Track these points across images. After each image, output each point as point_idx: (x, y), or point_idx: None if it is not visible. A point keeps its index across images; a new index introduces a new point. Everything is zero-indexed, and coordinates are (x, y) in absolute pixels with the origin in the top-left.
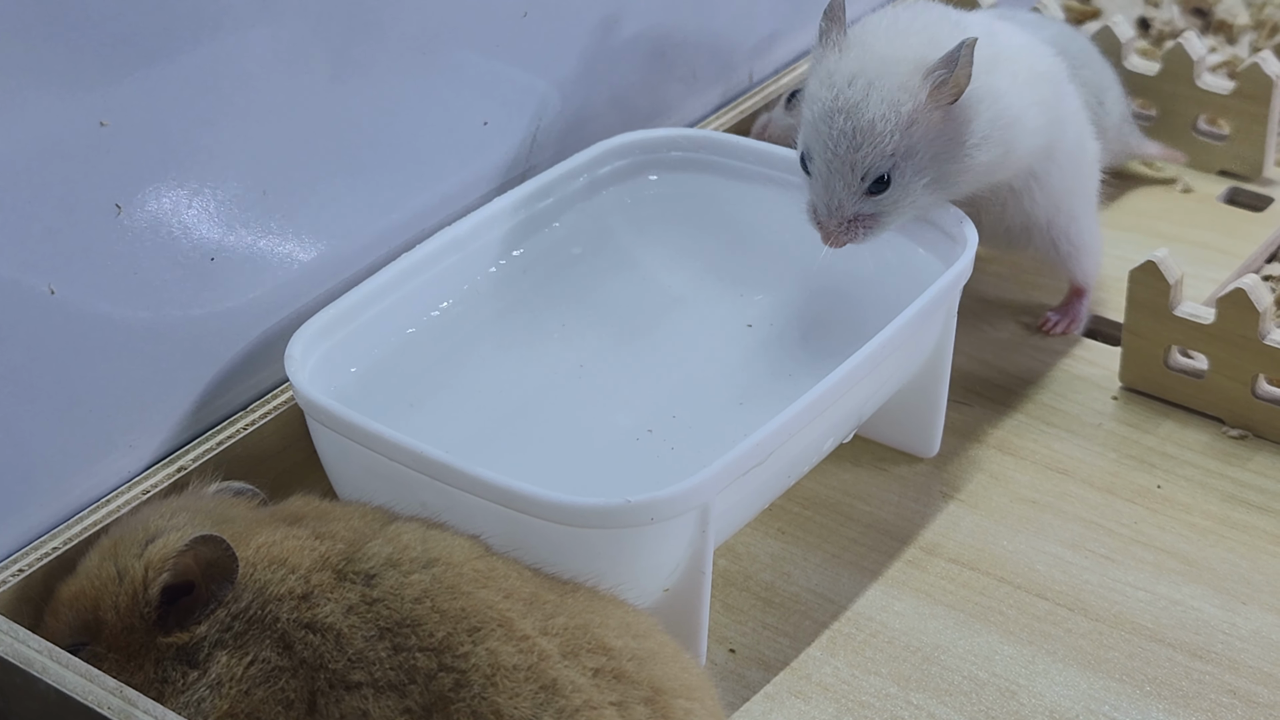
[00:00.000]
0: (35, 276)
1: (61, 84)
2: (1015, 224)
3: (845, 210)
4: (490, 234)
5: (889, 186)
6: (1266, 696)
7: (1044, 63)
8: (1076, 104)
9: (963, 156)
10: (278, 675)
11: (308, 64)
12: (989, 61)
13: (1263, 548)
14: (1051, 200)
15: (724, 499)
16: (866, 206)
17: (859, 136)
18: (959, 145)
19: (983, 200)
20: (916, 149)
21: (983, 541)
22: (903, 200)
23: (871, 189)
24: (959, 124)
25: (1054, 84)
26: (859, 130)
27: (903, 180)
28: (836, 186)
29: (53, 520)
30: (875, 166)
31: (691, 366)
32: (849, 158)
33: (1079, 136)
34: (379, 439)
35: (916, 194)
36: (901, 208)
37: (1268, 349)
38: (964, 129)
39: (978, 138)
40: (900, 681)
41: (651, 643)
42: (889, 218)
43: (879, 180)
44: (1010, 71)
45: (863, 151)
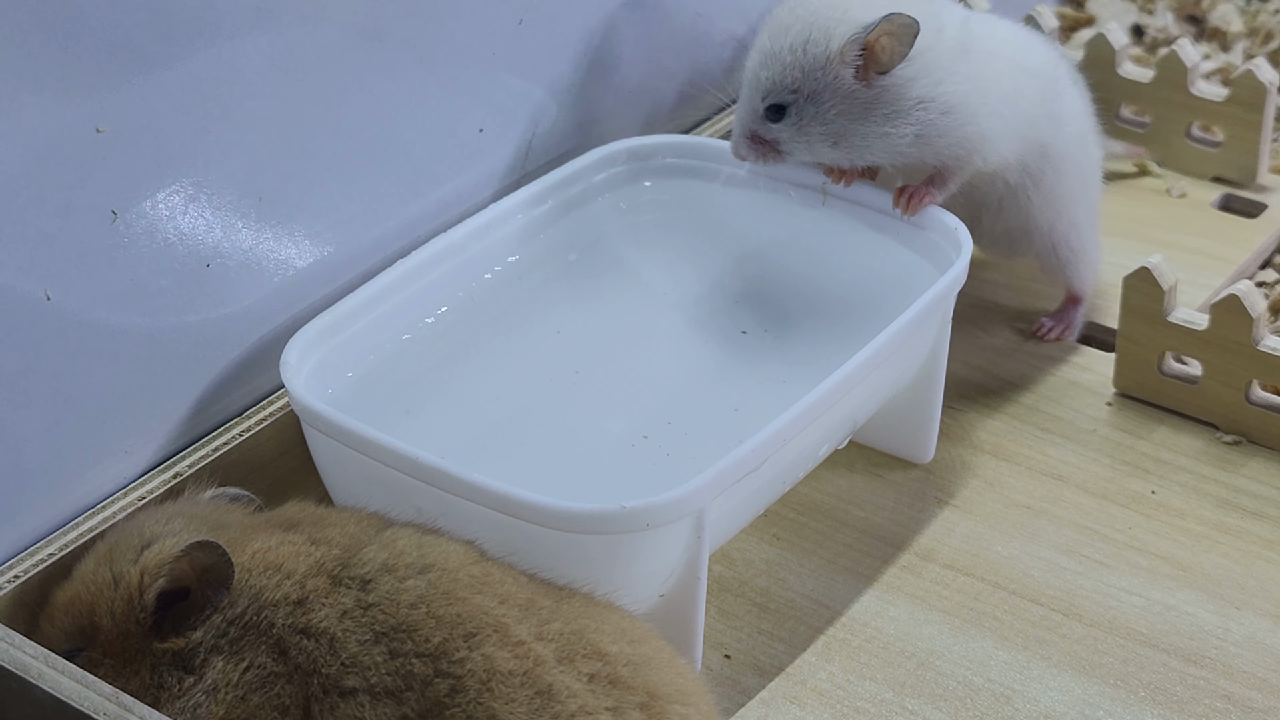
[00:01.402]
0: (31, 282)
1: (58, 90)
2: (1014, 225)
3: (745, 124)
4: (486, 240)
5: (784, 119)
6: (1260, 701)
7: (1034, 59)
8: (1077, 106)
9: (870, 123)
10: (273, 681)
11: (304, 71)
12: (954, 48)
13: (1256, 553)
14: (1051, 204)
15: (719, 505)
16: (763, 129)
17: (769, 59)
18: (871, 112)
19: (980, 200)
20: (821, 97)
21: (977, 547)
22: (797, 139)
23: (769, 114)
24: (881, 93)
25: (1044, 81)
26: (771, 54)
27: (799, 120)
28: (744, 99)
29: (48, 526)
30: (772, 93)
31: (687, 372)
32: (757, 75)
33: (1079, 139)
34: (374, 445)
35: (814, 140)
36: (796, 147)
37: (1261, 355)
38: (882, 99)
39: (890, 111)
40: (895, 687)
41: (647, 648)
42: (785, 149)
43: (776, 108)
44: (979, 62)
45: (766, 72)
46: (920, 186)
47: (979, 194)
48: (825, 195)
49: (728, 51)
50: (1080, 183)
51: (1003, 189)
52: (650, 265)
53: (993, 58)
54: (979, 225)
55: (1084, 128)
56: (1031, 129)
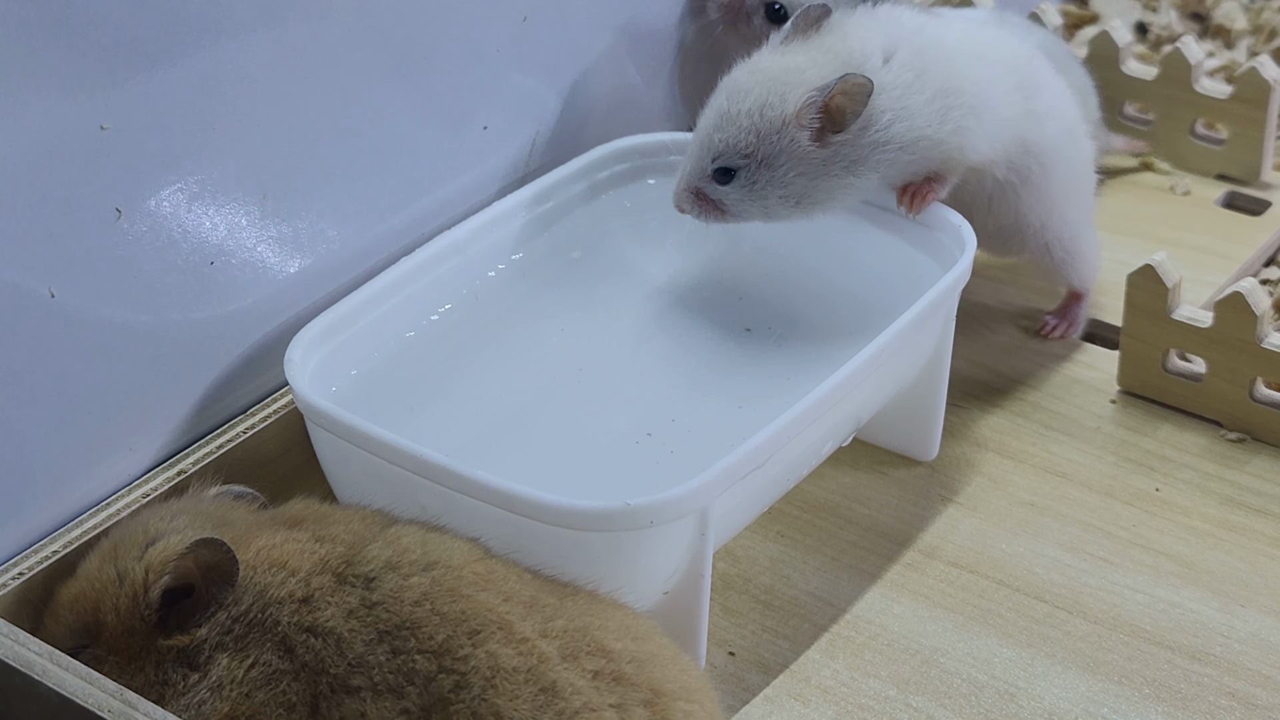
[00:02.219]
0: (35, 280)
1: (62, 87)
2: (1006, 224)
3: (690, 179)
4: (490, 238)
5: (733, 182)
6: (1265, 699)
7: (1008, 53)
8: (1060, 101)
9: (832, 178)
10: (278, 678)
11: (309, 68)
12: (907, 77)
13: (1261, 550)
14: (1041, 200)
15: (723, 502)
16: (709, 188)
17: (724, 121)
18: (829, 166)
19: (970, 199)
20: (777, 160)
21: (981, 544)
22: (749, 200)
23: (716, 175)
24: (838, 147)
25: (1019, 77)
26: (727, 116)
27: (750, 184)
28: (693, 154)
29: (53, 523)
30: (723, 155)
31: (690, 370)
32: (710, 136)
33: (1065, 134)
34: (379, 442)
35: (772, 202)
36: (749, 208)
37: (1265, 352)
38: (839, 153)
39: (850, 161)
40: (899, 684)
41: (651, 645)
42: (734, 209)
43: (725, 171)
44: (929, 85)
45: (720, 135)
46: (923, 184)
47: (970, 193)
48: None
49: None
50: (1070, 179)
51: (991, 187)
52: (654, 263)
53: (953, 64)
54: (972, 225)
55: (1069, 123)
56: (1010, 126)
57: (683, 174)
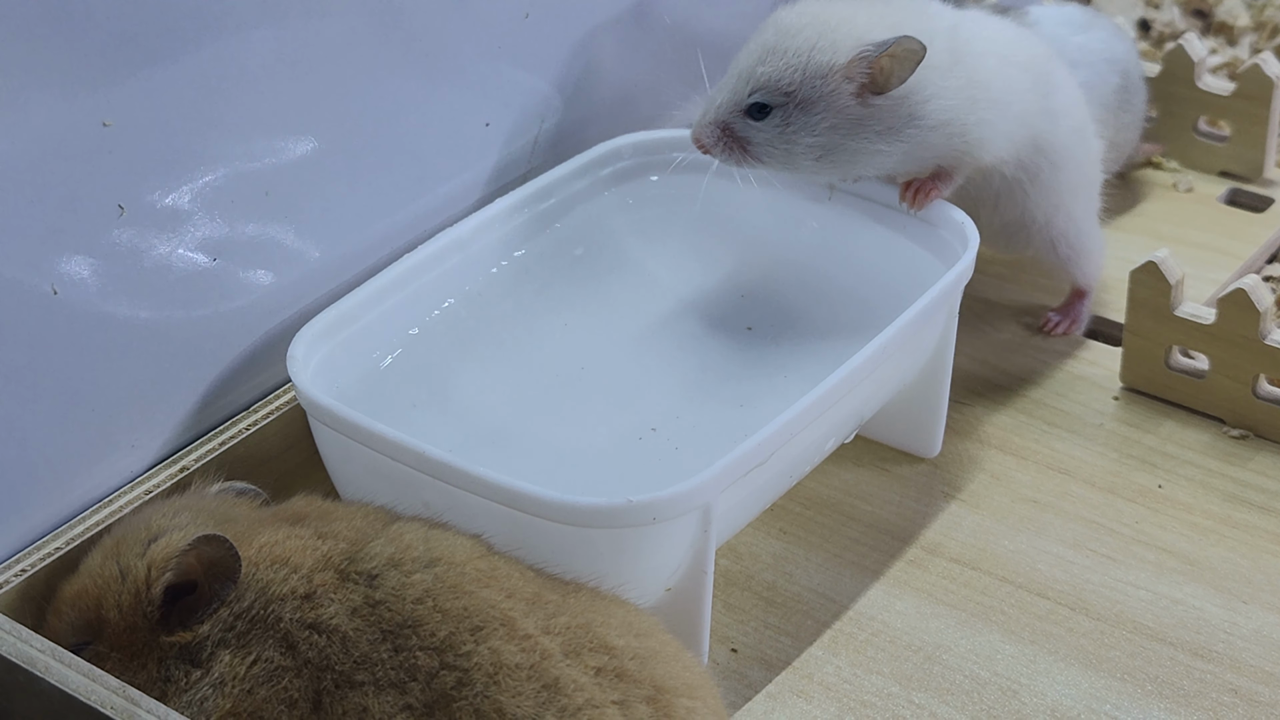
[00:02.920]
0: (38, 276)
1: (65, 84)
2: (1011, 221)
3: (720, 111)
4: (492, 235)
5: (766, 120)
6: (1268, 695)
7: (1024, 54)
8: (1073, 98)
9: (861, 139)
10: (281, 674)
11: (311, 65)
12: (946, 57)
13: (1264, 547)
14: (1048, 198)
15: (726, 499)
16: (739, 125)
17: (770, 55)
18: (862, 128)
19: (977, 195)
20: (816, 107)
21: (984, 541)
22: (777, 144)
23: (751, 112)
24: (875, 110)
25: (1037, 76)
26: (774, 51)
27: (785, 125)
28: (726, 88)
29: (55, 520)
30: (763, 90)
31: (693, 367)
32: (751, 68)
33: (1076, 131)
34: (381, 439)
35: (798, 150)
36: (774, 153)
37: (1268, 349)
38: (874, 116)
39: (884, 127)
40: (902, 681)
41: (653, 642)
42: (758, 152)
43: (760, 107)
44: (970, 67)
45: (763, 69)
46: (926, 181)
47: (976, 190)
48: (832, 189)
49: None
50: (1077, 176)
51: (999, 184)
52: (656, 260)
53: (983, 60)
54: (977, 221)
55: (1080, 121)
56: (1025, 126)
57: (711, 106)
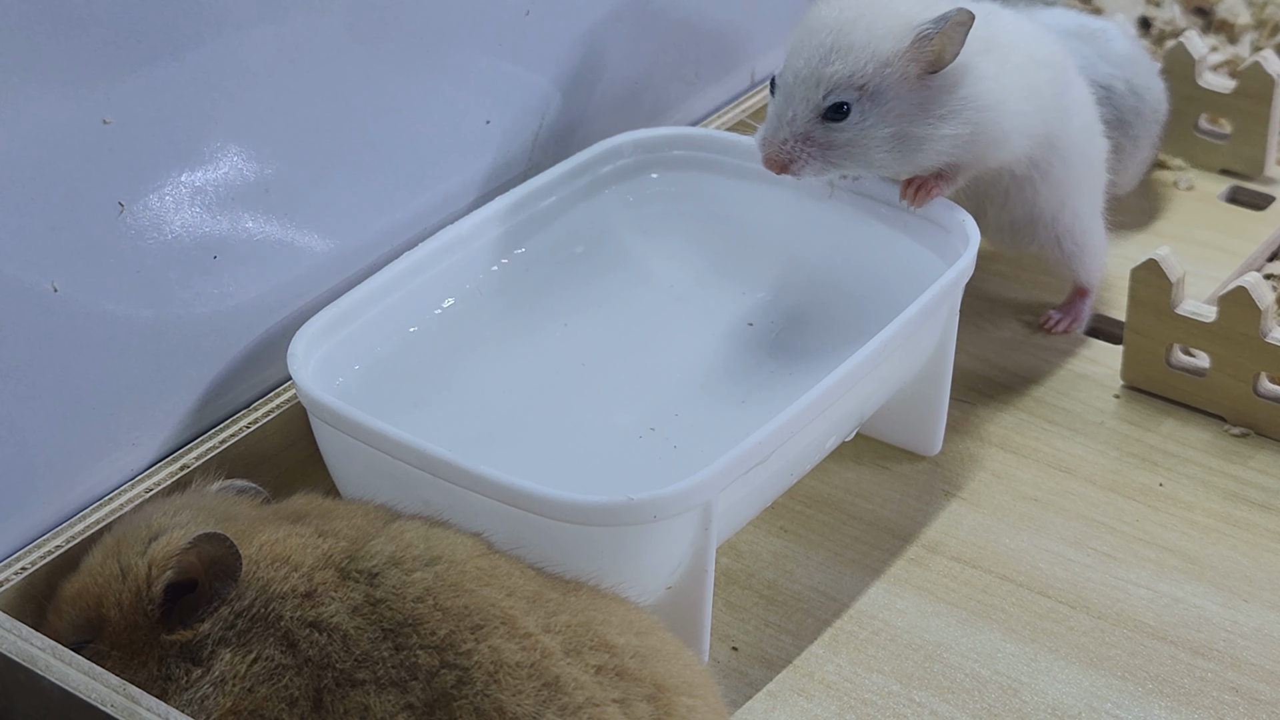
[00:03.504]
0: (38, 274)
1: (64, 81)
2: (1019, 216)
3: (797, 123)
4: (492, 232)
5: (846, 119)
6: (1269, 694)
7: (1044, 50)
8: (1084, 97)
9: (928, 125)
10: (281, 673)
11: (311, 62)
12: (981, 43)
13: (1264, 545)
14: (1056, 194)
15: (726, 497)
16: (819, 131)
17: (834, 54)
18: (927, 112)
19: (986, 191)
20: (886, 96)
21: (985, 539)
22: (858, 142)
23: (829, 114)
24: (934, 92)
25: (1055, 72)
26: (837, 48)
27: (863, 120)
28: (796, 97)
29: (55, 518)
30: (839, 89)
31: (693, 365)
32: (818, 71)
33: (1085, 130)
34: (382, 437)
35: (874, 144)
36: (855, 152)
37: (1269, 347)
38: (937, 98)
39: (946, 110)
40: (903, 679)
41: (654, 640)
42: (839, 156)
43: (839, 107)
44: (1000, 57)
45: (833, 68)
46: (928, 179)
47: (985, 186)
48: (832, 187)
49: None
50: (1085, 173)
51: (1009, 181)
52: (657, 258)
53: (1010, 53)
54: (984, 217)
55: (1089, 119)
56: (1042, 122)
57: (782, 122)
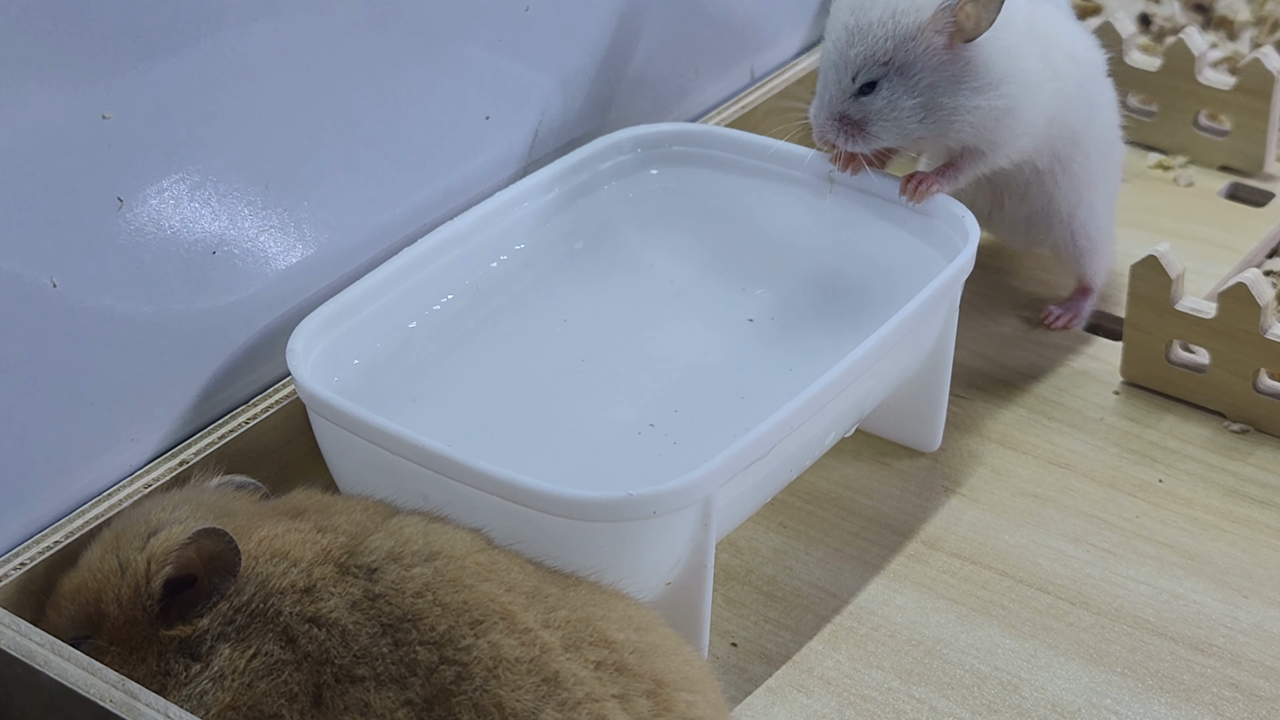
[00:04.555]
0: (37, 269)
1: (64, 77)
2: (1037, 210)
3: (834, 106)
4: (492, 228)
5: (876, 94)
6: (1268, 690)
7: (1082, 48)
8: (1110, 98)
9: (960, 95)
10: (280, 668)
11: (310, 58)
12: (1024, 24)
13: (1264, 542)
14: (1076, 190)
15: (726, 493)
16: (853, 109)
17: (856, 35)
18: (960, 84)
19: (1007, 183)
20: (913, 68)
21: (984, 536)
22: (888, 113)
23: (861, 91)
24: (967, 64)
25: (1090, 71)
26: (858, 29)
27: (891, 93)
28: (830, 81)
29: (54, 514)
30: (865, 68)
31: (693, 361)
32: (845, 54)
33: (1109, 131)
34: (381, 433)
35: (904, 114)
36: (887, 122)
37: (1269, 344)
38: (970, 70)
39: (980, 83)
40: (902, 675)
41: (653, 636)
42: (875, 128)
43: (869, 85)
44: (1042, 46)
45: (855, 49)
46: (928, 175)
47: (1005, 177)
48: (832, 184)
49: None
50: (1105, 171)
51: (1030, 174)
52: (657, 253)
53: (1052, 43)
54: (1001, 210)
55: (1113, 118)
56: (1069, 115)
57: (821, 104)
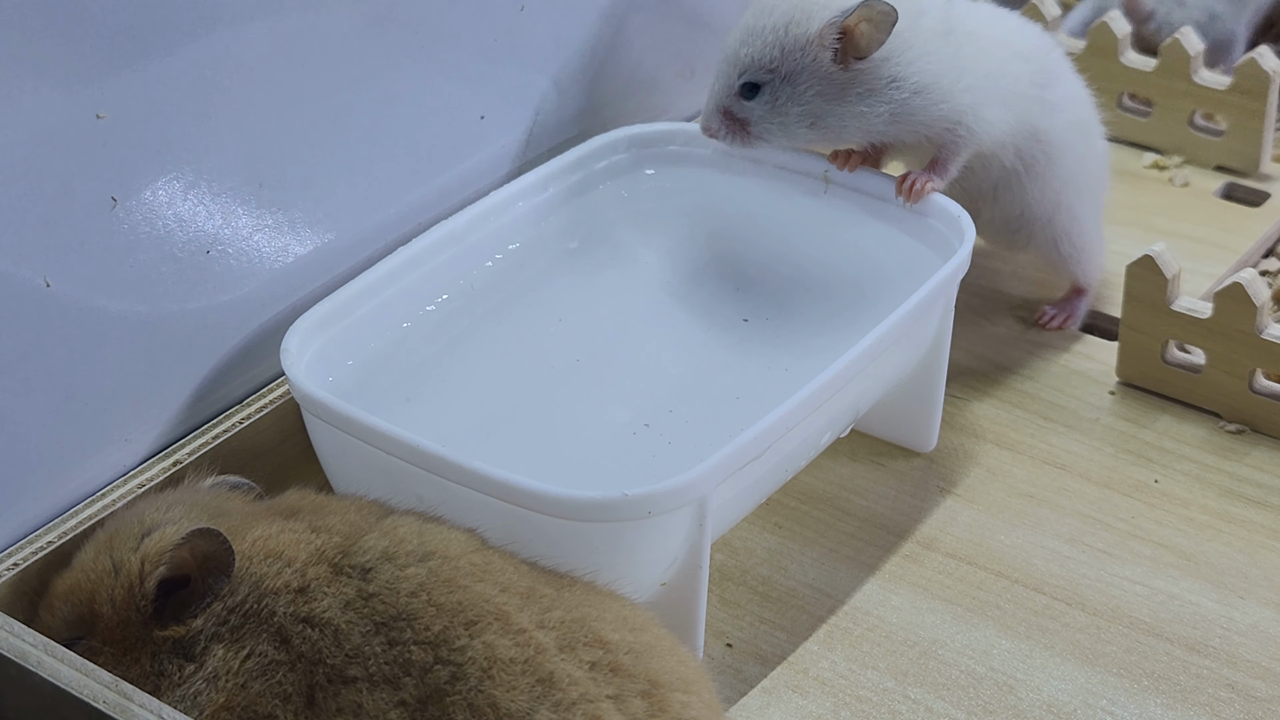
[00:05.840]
0: (30, 269)
1: (58, 76)
2: (1012, 215)
3: (718, 99)
4: (487, 228)
5: (758, 98)
6: (1264, 690)
7: (1025, 43)
8: (1074, 94)
9: (846, 104)
10: (274, 669)
11: (305, 57)
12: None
13: (1260, 542)
14: (1046, 193)
15: (721, 493)
16: (737, 108)
17: (750, 37)
18: (846, 94)
19: (976, 187)
20: (799, 78)
21: (980, 536)
22: (772, 118)
23: (743, 91)
24: (854, 75)
25: (1036, 66)
26: (754, 31)
27: (774, 100)
28: (720, 75)
29: (48, 514)
30: (749, 70)
31: (688, 361)
32: (736, 52)
33: (1076, 127)
34: (375, 433)
35: (789, 121)
36: (770, 127)
37: (1265, 344)
38: (859, 79)
39: (864, 90)
40: (898, 676)
41: (648, 636)
42: (758, 129)
43: (751, 86)
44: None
45: (746, 50)
46: (922, 174)
47: (976, 181)
48: (827, 183)
49: None
50: (1078, 172)
51: (998, 174)
52: (652, 253)
53: (975, 39)
54: (979, 217)
55: (1082, 117)
56: (1020, 112)
57: (711, 95)
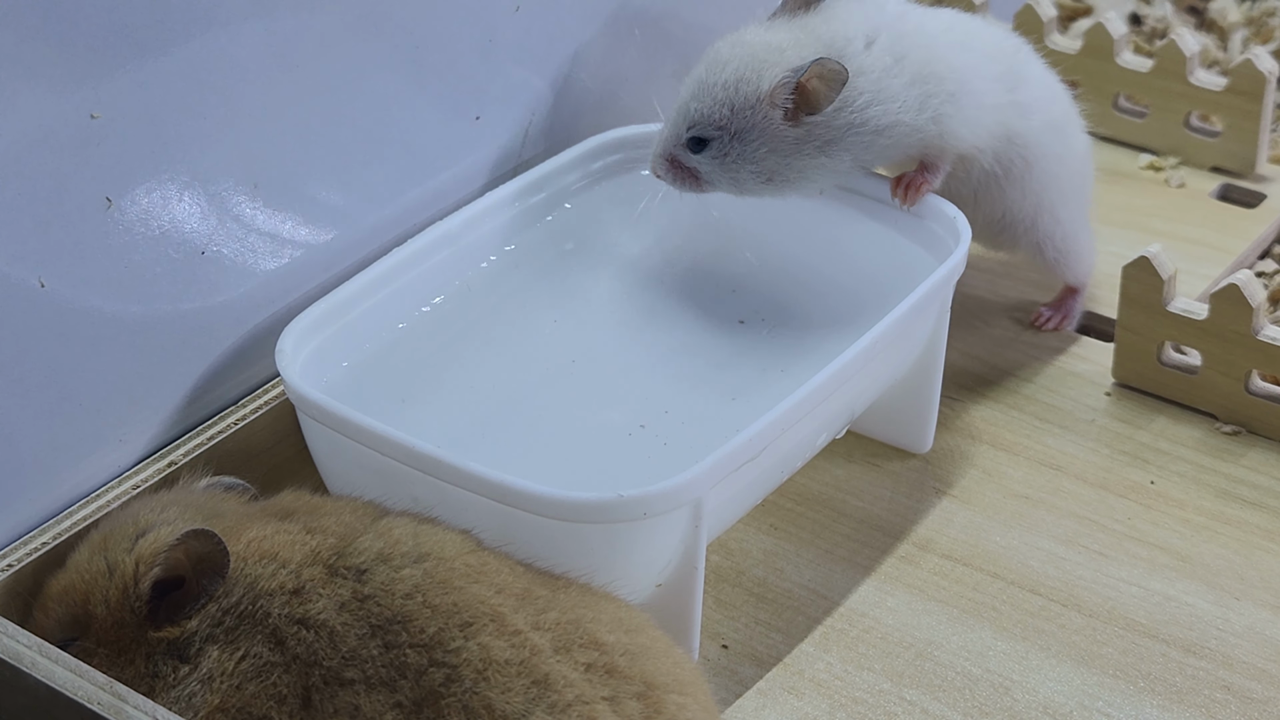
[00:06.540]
0: (25, 269)
1: (52, 76)
2: (994, 218)
3: (665, 146)
4: (482, 229)
5: (705, 152)
6: (1260, 692)
7: (986, 44)
8: (1049, 95)
9: (805, 158)
10: (269, 670)
11: (300, 57)
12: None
13: (1256, 543)
14: (1026, 195)
15: (717, 494)
16: (683, 156)
17: (702, 91)
18: (802, 148)
19: (956, 191)
20: (749, 135)
21: (976, 537)
22: (720, 173)
23: (690, 144)
24: (807, 130)
25: (1002, 67)
26: (704, 86)
27: (723, 156)
28: (670, 122)
29: (42, 515)
30: (697, 125)
31: (684, 362)
32: (687, 104)
33: (1051, 128)
34: (370, 434)
35: (742, 177)
36: (718, 180)
37: (1261, 345)
38: (811, 134)
39: (823, 142)
40: (893, 677)
41: (644, 638)
42: (706, 180)
43: (698, 140)
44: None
45: (696, 104)
46: (915, 175)
47: (957, 185)
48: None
49: None
50: (1057, 174)
51: (977, 178)
52: (647, 254)
53: (931, 54)
54: None
55: (1055, 117)
56: (993, 115)
57: (660, 140)
